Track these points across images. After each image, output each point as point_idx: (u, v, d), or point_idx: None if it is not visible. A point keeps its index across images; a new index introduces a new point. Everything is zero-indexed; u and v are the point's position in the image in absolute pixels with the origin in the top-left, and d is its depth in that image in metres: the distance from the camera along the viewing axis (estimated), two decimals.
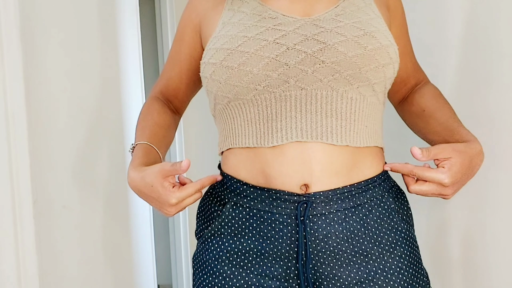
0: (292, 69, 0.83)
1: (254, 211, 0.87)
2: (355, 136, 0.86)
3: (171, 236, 3.15)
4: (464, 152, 0.86)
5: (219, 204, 0.92)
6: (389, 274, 0.85)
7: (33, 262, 1.08)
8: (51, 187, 1.21)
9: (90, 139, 1.40)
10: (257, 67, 0.83)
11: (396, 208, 0.90)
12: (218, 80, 0.87)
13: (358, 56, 0.83)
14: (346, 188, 0.85)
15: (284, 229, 0.85)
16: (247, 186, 0.87)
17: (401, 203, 0.92)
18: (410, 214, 0.94)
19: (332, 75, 0.83)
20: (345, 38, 0.84)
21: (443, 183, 0.84)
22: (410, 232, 0.90)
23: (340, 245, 0.85)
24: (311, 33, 0.85)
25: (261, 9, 0.89)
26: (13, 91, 1.04)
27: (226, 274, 0.87)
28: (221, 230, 0.90)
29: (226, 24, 0.90)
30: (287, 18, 0.87)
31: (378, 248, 0.86)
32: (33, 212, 1.08)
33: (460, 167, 0.85)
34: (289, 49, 0.84)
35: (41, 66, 1.19)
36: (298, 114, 0.84)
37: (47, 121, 1.21)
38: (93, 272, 1.40)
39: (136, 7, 1.80)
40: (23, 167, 1.06)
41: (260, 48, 0.84)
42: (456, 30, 1.21)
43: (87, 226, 1.38)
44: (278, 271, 0.85)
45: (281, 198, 0.85)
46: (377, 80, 0.86)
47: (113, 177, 1.53)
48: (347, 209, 0.85)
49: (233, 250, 0.88)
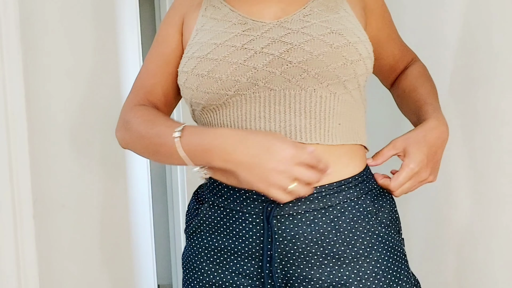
0: (260, 72, 0.85)
1: (227, 210, 0.88)
2: (326, 134, 0.86)
3: (171, 236, 3.15)
4: (415, 137, 0.89)
5: (200, 203, 0.94)
6: (364, 278, 0.83)
7: (33, 262, 1.08)
8: (51, 187, 1.21)
9: (90, 139, 1.40)
10: (226, 73, 0.85)
11: (374, 211, 0.88)
12: (190, 87, 0.88)
13: (324, 54, 0.84)
14: (315, 189, 0.84)
15: (253, 228, 0.86)
16: (222, 186, 0.89)
17: (381, 205, 0.90)
18: (394, 217, 0.92)
19: (300, 74, 0.84)
20: (311, 38, 0.85)
21: (414, 172, 0.87)
22: (390, 236, 0.88)
23: (309, 246, 0.84)
24: (278, 36, 0.86)
25: (231, 15, 0.91)
26: (13, 91, 1.04)
27: (204, 270, 0.90)
28: (200, 228, 0.92)
29: (199, 31, 0.92)
30: (256, 23, 0.88)
31: (351, 252, 0.84)
32: (33, 212, 1.08)
33: (418, 152, 0.88)
34: (257, 53, 0.85)
35: (41, 66, 1.19)
36: (267, 114, 0.85)
37: (47, 121, 1.21)
38: (93, 272, 1.40)
39: (136, 7, 1.81)
40: (23, 167, 1.06)
41: (228, 54, 0.85)
42: (451, 30, 1.21)
43: (87, 226, 1.38)
44: (250, 270, 0.86)
45: (250, 198, 0.86)
46: (347, 77, 0.86)
47: (113, 177, 1.53)
48: (316, 210, 0.84)
49: (210, 247, 0.90)
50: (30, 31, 1.14)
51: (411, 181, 0.88)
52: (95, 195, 1.42)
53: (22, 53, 1.07)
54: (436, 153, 0.90)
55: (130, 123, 0.91)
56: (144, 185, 1.96)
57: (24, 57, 1.08)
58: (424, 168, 0.88)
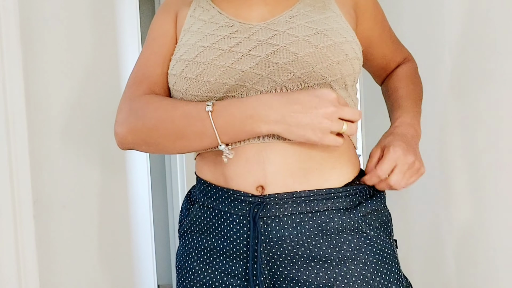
0: (247, 74, 0.85)
1: (216, 211, 0.89)
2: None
3: (171, 236, 3.15)
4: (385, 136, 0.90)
5: (191, 204, 0.95)
6: (351, 281, 0.83)
7: (33, 262, 1.08)
8: (51, 187, 1.21)
9: (90, 139, 1.40)
10: (214, 76, 0.85)
11: (366, 215, 0.87)
12: (179, 90, 0.88)
13: (309, 55, 0.84)
14: (303, 193, 0.84)
15: (240, 229, 0.86)
16: (211, 187, 0.90)
17: (373, 209, 0.89)
18: (385, 220, 0.90)
19: (286, 75, 0.84)
20: (296, 39, 0.85)
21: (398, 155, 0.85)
22: (379, 238, 0.87)
23: (295, 248, 0.84)
24: (265, 37, 0.86)
25: (219, 18, 0.91)
26: (13, 91, 1.04)
27: (194, 270, 0.91)
28: (190, 228, 0.93)
29: (186, 32, 0.92)
30: (243, 25, 0.89)
31: (339, 254, 0.84)
32: (33, 212, 1.08)
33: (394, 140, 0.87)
34: (244, 56, 0.85)
35: (41, 66, 1.19)
36: None
37: (47, 121, 1.21)
38: (93, 272, 1.40)
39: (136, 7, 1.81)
40: (23, 167, 1.06)
41: (216, 57, 0.85)
42: (451, 30, 1.21)
43: (87, 226, 1.38)
44: (238, 270, 0.87)
45: (237, 198, 0.86)
46: (333, 78, 0.85)
47: (113, 178, 1.53)
48: (303, 213, 0.84)
49: (200, 247, 0.91)
50: (30, 31, 1.14)
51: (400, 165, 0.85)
52: (95, 195, 1.42)
53: (22, 53, 1.07)
54: (410, 142, 0.89)
55: (143, 111, 0.86)
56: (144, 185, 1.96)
57: (24, 57, 1.08)
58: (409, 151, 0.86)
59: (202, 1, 0.96)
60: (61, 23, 1.30)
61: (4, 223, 1.03)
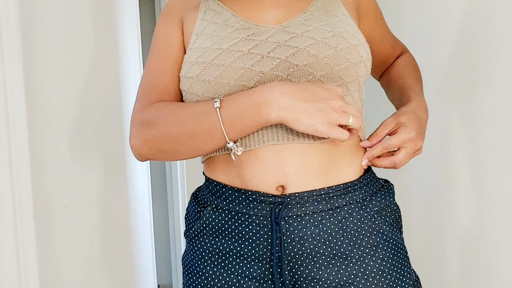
0: (267, 76, 0.85)
1: (232, 213, 0.88)
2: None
3: (171, 236, 3.15)
4: (404, 112, 0.91)
5: (202, 206, 0.93)
6: (371, 277, 0.85)
7: (33, 262, 1.08)
8: (51, 187, 1.21)
9: (90, 139, 1.40)
10: (234, 78, 0.85)
11: (380, 210, 0.89)
12: (195, 93, 0.88)
13: (329, 57, 0.85)
14: (323, 190, 0.85)
15: (260, 230, 0.85)
16: (226, 189, 0.89)
17: (386, 204, 0.91)
18: (397, 216, 0.93)
19: (306, 77, 0.85)
20: (315, 41, 0.86)
21: (411, 137, 0.88)
22: (394, 234, 0.89)
23: (317, 247, 0.85)
24: (283, 40, 0.87)
25: (234, 20, 0.91)
26: (13, 91, 1.04)
27: (208, 274, 0.89)
28: (203, 231, 0.91)
29: (199, 36, 0.91)
30: (259, 27, 0.89)
31: (358, 251, 0.85)
32: (33, 212, 1.08)
33: (410, 121, 0.90)
34: (264, 58, 0.85)
35: (41, 66, 1.19)
36: None
37: (47, 121, 1.21)
38: (93, 272, 1.40)
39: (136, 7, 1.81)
40: (23, 167, 1.06)
41: (235, 59, 0.85)
42: (451, 30, 1.21)
43: (87, 226, 1.38)
44: (257, 272, 0.86)
45: (257, 199, 0.86)
46: (349, 79, 0.87)
47: (113, 178, 1.53)
48: (324, 211, 0.85)
49: (214, 250, 0.89)
50: (30, 31, 1.14)
51: (409, 148, 0.89)
52: (95, 195, 1.42)
53: (22, 53, 1.07)
54: (423, 127, 0.92)
55: (153, 120, 0.87)
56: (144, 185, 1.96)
57: (24, 57, 1.08)
58: (420, 136, 0.90)
59: (211, 3, 0.95)
60: (62, 23, 1.30)
61: (4, 223, 1.03)
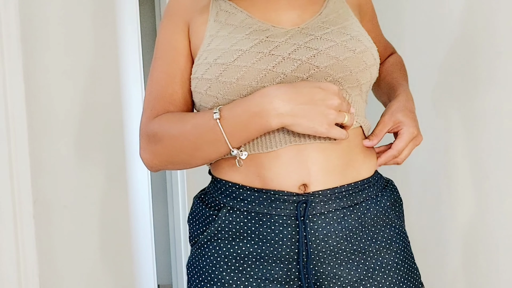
0: (288, 77, 0.86)
1: (252, 214, 0.86)
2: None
3: (171, 236, 3.15)
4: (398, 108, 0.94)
5: (214, 209, 0.90)
6: (387, 270, 0.88)
7: (33, 262, 1.08)
8: (51, 187, 1.21)
9: (90, 139, 1.40)
10: (256, 80, 0.85)
11: (390, 205, 0.92)
12: (214, 95, 0.87)
13: (348, 59, 0.87)
14: (343, 187, 0.87)
15: (284, 230, 0.85)
16: (244, 189, 0.87)
17: (394, 199, 0.95)
18: (402, 210, 0.97)
19: (325, 78, 0.86)
20: (334, 43, 0.87)
21: (414, 136, 0.92)
22: (402, 227, 0.93)
23: (339, 244, 0.86)
24: (303, 41, 0.87)
25: (251, 22, 0.90)
26: (13, 91, 1.04)
27: (225, 280, 0.86)
28: (217, 235, 0.88)
29: (214, 37, 0.90)
30: (277, 29, 0.89)
31: (375, 245, 0.88)
32: (33, 212, 1.08)
33: (407, 118, 0.93)
34: (285, 59, 0.86)
35: (41, 66, 1.19)
36: None
37: (47, 121, 1.21)
38: (93, 272, 1.40)
39: (136, 7, 1.81)
40: (23, 167, 1.06)
41: (257, 61, 0.85)
42: (451, 30, 1.21)
43: (87, 227, 1.38)
44: (279, 274, 0.85)
45: (280, 199, 0.85)
46: (364, 81, 0.90)
47: (113, 177, 1.53)
48: (345, 208, 0.87)
49: (231, 254, 0.87)
50: (30, 31, 1.14)
51: (411, 144, 0.93)
52: (96, 195, 1.42)
53: (23, 54, 1.07)
54: (416, 119, 0.96)
55: (158, 134, 0.87)
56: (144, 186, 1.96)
57: (24, 57, 1.08)
58: (419, 131, 0.94)
59: (223, 4, 0.93)
60: (62, 24, 1.30)
61: (4, 223, 1.03)
